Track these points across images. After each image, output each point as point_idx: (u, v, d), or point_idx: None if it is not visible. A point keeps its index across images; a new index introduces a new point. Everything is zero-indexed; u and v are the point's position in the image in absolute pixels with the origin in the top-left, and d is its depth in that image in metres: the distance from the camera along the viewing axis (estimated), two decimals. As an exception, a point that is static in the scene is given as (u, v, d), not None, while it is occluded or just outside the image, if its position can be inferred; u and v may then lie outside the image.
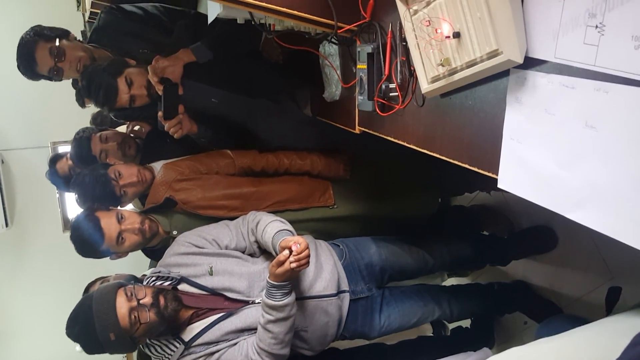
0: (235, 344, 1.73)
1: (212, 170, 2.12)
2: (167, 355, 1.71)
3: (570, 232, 2.26)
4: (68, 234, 2.01)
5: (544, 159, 0.98)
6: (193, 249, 1.82)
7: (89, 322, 1.59)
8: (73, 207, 4.46)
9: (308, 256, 1.59)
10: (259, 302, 1.73)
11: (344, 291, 1.93)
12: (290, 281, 1.64)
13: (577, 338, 1.10)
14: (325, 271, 1.89)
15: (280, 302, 1.62)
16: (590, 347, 1.03)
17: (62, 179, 2.76)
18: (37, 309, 4.77)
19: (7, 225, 4.53)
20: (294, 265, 1.56)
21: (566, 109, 0.92)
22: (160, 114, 2.00)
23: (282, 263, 1.57)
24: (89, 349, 1.64)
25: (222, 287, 1.75)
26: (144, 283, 1.79)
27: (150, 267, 3.06)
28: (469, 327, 2.71)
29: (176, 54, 1.99)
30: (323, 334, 1.87)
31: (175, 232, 2.03)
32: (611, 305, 1.71)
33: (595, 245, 2.16)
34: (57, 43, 2.13)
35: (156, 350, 1.72)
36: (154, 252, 2.12)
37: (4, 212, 4.49)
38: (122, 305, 1.59)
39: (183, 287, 1.76)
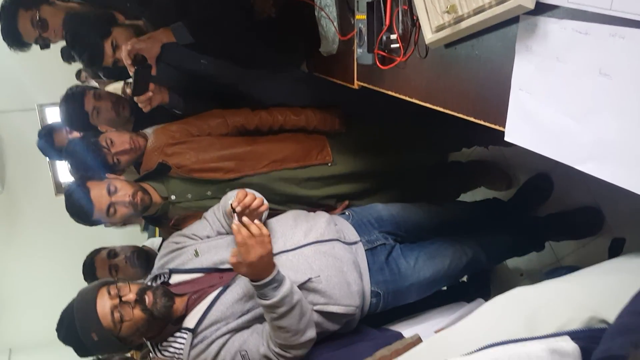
0: (248, 325, 1.63)
1: (203, 132, 2.07)
2: (178, 351, 1.62)
3: (568, 183, 2.25)
4: (61, 197, 1.98)
5: (555, 110, 0.96)
6: (175, 245, 1.79)
7: (72, 323, 1.54)
8: (64, 170, 4.42)
9: (254, 198, 1.56)
10: None
11: (355, 242, 1.84)
12: (274, 275, 1.51)
13: (584, 277, 1.10)
14: (320, 222, 1.83)
15: (276, 299, 1.49)
16: (598, 284, 1.03)
17: (54, 149, 2.72)
18: (31, 273, 4.78)
19: (-1, 189, 4.49)
20: (239, 209, 1.51)
21: (579, 56, 0.89)
22: (129, 90, 1.94)
23: (243, 244, 1.46)
24: (79, 351, 1.59)
25: (212, 262, 1.70)
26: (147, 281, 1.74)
27: (149, 236, 3.05)
28: (464, 280, 2.73)
29: (154, 33, 1.90)
30: (342, 281, 1.70)
31: (173, 197, 1.99)
32: (614, 257, 1.72)
33: (593, 198, 2.16)
34: (37, 13, 2.03)
35: (168, 351, 1.63)
36: (155, 220, 2.10)
37: (-5, 176, 4.44)
38: (105, 304, 1.53)
39: (175, 278, 1.71)
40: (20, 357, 5.00)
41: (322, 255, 1.72)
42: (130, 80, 1.94)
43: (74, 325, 1.53)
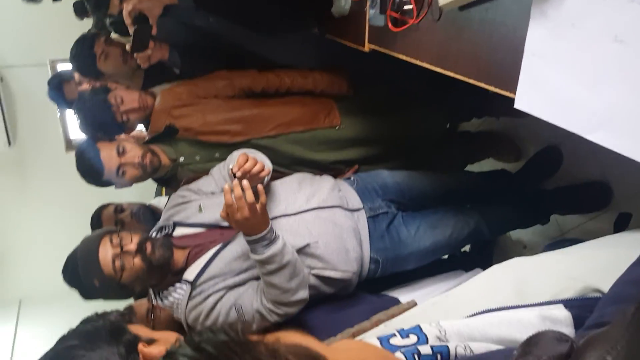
0: (244, 282, 1.67)
1: (210, 94, 2.05)
2: (177, 301, 1.68)
3: (578, 157, 2.22)
4: (71, 153, 2.00)
5: (566, 77, 0.94)
6: (181, 199, 1.83)
7: (75, 268, 1.59)
8: (75, 127, 4.42)
9: (254, 163, 1.57)
10: None
11: (357, 209, 1.85)
12: (264, 233, 1.53)
13: (582, 249, 1.11)
14: (324, 188, 1.85)
15: (264, 255, 1.53)
16: (596, 257, 1.03)
17: (64, 100, 2.72)
18: (41, 227, 4.84)
19: (9, 144, 4.50)
20: (238, 174, 1.53)
21: (595, 22, 0.87)
22: (128, 46, 1.94)
23: (229, 206, 1.50)
24: (83, 294, 1.65)
25: (214, 218, 1.72)
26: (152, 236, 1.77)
27: (156, 194, 3.08)
28: (467, 250, 2.74)
29: None
30: (341, 247, 1.72)
31: (182, 159, 2.01)
32: (620, 231, 1.72)
33: (603, 173, 2.13)
34: None
35: (168, 300, 1.69)
36: (165, 181, 2.12)
37: (6, 130, 4.44)
38: (106, 252, 1.57)
39: (178, 231, 1.75)
40: (30, 307, 5.13)
41: (322, 222, 1.74)
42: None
43: (78, 270, 1.58)
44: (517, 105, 1.06)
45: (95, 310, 1.40)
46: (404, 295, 1.80)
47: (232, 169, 1.57)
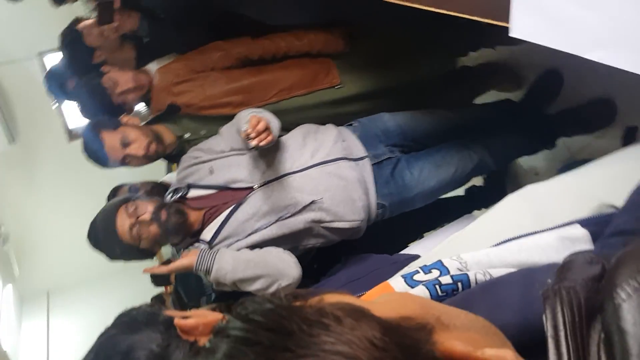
0: (255, 245, 1.77)
1: (207, 67, 2.05)
2: None
3: (578, 77, 2.20)
4: (74, 143, 2.04)
5: (560, -1, 0.93)
6: (193, 160, 1.88)
7: (97, 238, 1.72)
8: (74, 116, 4.40)
9: (266, 125, 1.60)
10: (262, 185, 1.77)
11: (361, 158, 1.89)
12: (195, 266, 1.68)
13: (593, 168, 1.12)
14: (327, 140, 1.88)
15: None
16: (607, 174, 1.05)
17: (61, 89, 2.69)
18: (57, 218, 4.91)
19: (12, 141, 4.51)
20: (254, 143, 1.57)
21: None
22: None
23: None
24: (109, 257, 1.77)
25: (225, 180, 1.79)
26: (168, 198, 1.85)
27: (167, 171, 3.12)
28: (482, 185, 2.75)
29: None
30: (347, 199, 1.79)
31: (187, 135, 2.03)
32: (628, 145, 1.72)
33: (605, 89, 2.12)
34: None
35: None
36: (173, 157, 2.15)
37: (8, 128, 4.42)
38: (124, 223, 1.67)
39: (192, 193, 1.83)
40: (59, 297, 5.27)
41: (328, 176, 1.80)
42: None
43: (99, 239, 1.71)
44: (513, 33, 1.04)
45: (121, 293, 1.48)
46: (424, 250, 1.85)
47: (246, 131, 1.58)
